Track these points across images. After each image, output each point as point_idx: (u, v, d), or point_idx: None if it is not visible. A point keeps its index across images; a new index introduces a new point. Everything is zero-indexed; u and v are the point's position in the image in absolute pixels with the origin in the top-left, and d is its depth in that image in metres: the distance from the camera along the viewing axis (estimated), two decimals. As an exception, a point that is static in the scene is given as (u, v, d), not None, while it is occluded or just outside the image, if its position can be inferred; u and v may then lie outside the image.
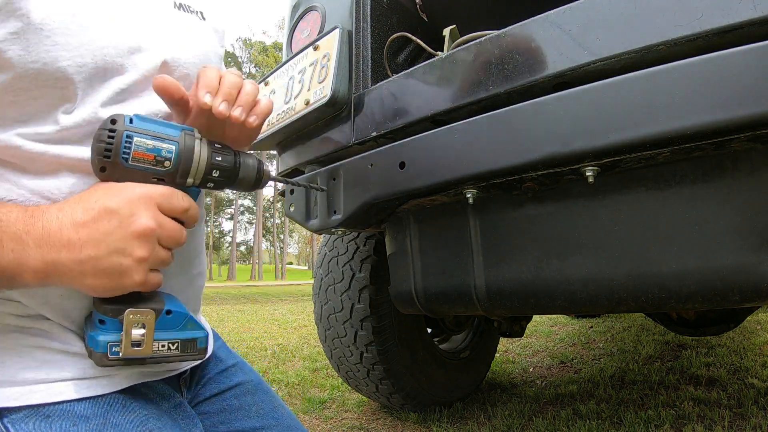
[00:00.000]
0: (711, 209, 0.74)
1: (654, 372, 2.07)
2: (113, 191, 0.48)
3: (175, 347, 0.53)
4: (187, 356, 0.54)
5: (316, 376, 2.43)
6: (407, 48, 1.25)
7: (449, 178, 0.83)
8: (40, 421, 0.49)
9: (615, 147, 0.67)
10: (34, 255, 0.44)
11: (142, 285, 0.49)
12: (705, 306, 0.78)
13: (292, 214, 1.19)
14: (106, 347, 0.48)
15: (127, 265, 0.47)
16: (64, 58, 0.47)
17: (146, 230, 0.47)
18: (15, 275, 0.44)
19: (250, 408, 0.70)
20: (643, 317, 3.37)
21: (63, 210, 0.46)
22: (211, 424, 0.67)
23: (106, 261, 0.46)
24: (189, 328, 0.54)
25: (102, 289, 0.47)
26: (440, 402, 1.77)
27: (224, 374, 0.71)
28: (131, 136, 0.48)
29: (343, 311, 1.57)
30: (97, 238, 0.45)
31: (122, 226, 0.46)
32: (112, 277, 0.46)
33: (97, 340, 0.48)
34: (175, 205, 0.50)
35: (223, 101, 0.51)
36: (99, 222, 0.46)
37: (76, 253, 0.45)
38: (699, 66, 0.61)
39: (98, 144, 0.48)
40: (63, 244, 0.45)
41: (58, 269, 0.45)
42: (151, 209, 0.48)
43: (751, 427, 1.44)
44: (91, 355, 0.50)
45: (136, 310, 0.49)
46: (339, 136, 1.07)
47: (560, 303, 0.90)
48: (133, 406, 0.54)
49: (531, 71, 0.76)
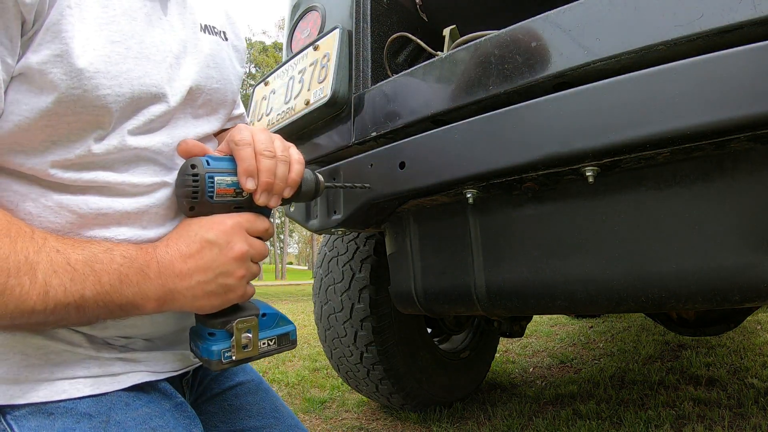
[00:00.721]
0: (711, 209, 0.74)
1: (654, 372, 2.07)
2: (207, 224, 0.55)
3: (274, 343, 0.61)
4: (283, 348, 0.62)
5: (316, 376, 2.43)
6: (407, 48, 1.25)
7: (449, 178, 0.83)
8: (43, 418, 0.49)
9: (615, 147, 0.67)
10: (154, 286, 0.50)
11: (243, 297, 0.57)
12: (705, 306, 0.78)
13: (293, 215, 1.19)
14: (220, 354, 0.56)
15: (231, 284, 0.55)
16: (104, 87, 0.49)
17: (242, 254, 0.55)
18: (138, 305, 0.50)
19: (252, 407, 0.72)
20: (643, 317, 3.37)
21: (169, 246, 0.53)
22: (212, 424, 0.69)
23: (214, 284, 0.54)
24: (281, 325, 0.62)
25: (210, 307, 0.55)
26: (440, 402, 1.77)
27: (225, 374, 0.73)
28: (213, 177, 0.55)
29: (343, 311, 1.57)
30: (203, 266, 0.53)
31: (223, 253, 0.54)
32: (220, 295, 0.54)
33: (212, 350, 0.56)
34: (259, 227, 0.59)
35: (263, 192, 0.58)
36: (202, 252, 0.53)
37: (188, 281, 0.52)
38: (699, 66, 0.61)
39: (185, 188, 0.54)
40: (176, 275, 0.52)
41: (174, 296, 0.52)
42: (242, 235, 0.56)
43: (751, 427, 1.44)
44: (209, 365, 0.57)
45: (243, 319, 0.57)
46: (339, 136, 1.07)
47: (560, 303, 0.90)
48: (136, 404, 0.54)
49: (531, 71, 0.76)
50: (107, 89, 0.49)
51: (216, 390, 0.71)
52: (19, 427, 0.48)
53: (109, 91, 0.49)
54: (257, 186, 0.57)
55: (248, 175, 0.57)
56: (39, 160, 0.48)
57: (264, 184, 0.58)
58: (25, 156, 0.48)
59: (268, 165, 0.58)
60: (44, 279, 0.44)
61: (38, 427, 0.49)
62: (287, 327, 0.63)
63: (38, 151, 0.48)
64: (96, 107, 0.49)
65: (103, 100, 0.49)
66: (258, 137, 0.59)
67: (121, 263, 0.49)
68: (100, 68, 0.48)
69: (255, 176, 0.57)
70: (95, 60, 0.48)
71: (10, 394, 0.49)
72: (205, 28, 0.65)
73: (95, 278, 0.47)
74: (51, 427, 0.49)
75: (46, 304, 0.44)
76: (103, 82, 0.49)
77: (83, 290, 0.46)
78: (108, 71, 0.49)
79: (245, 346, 0.57)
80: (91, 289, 0.46)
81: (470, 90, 0.84)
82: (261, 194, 0.58)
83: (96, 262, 0.47)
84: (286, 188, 0.61)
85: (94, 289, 0.46)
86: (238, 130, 0.59)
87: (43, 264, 0.44)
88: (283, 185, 0.60)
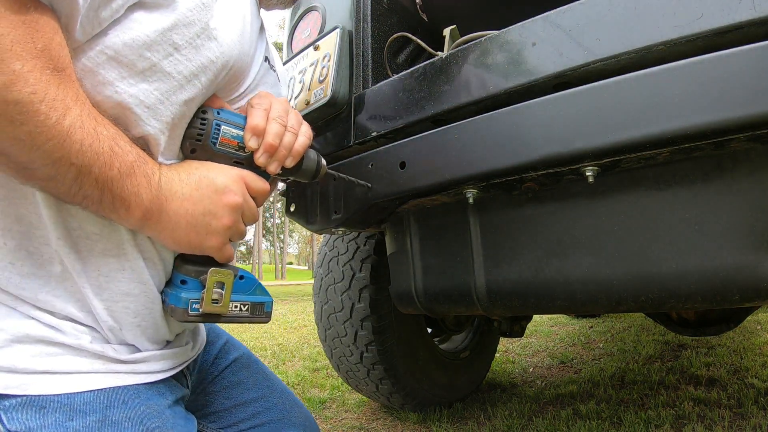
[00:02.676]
0: (711, 209, 0.74)
1: (654, 372, 2.07)
2: (210, 166, 0.56)
3: (246, 309, 0.60)
4: (256, 318, 0.61)
5: (316, 376, 2.43)
6: (407, 48, 1.25)
7: (449, 177, 0.83)
8: (35, 411, 0.48)
9: (615, 147, 0.67)
10: (150, 195, 0.50)
11: (219, 250, 0.57)
12: (705, 306, 0.78)
13: (293, 215, 1.19)
14: (188, 303, 0.55)
15: (214, 227, 0.55)
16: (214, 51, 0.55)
17: (236, 204, 0.56)
18: (128, 206, 0.49)
19: (248, 381, 0.78)
20: (643, 317, 3.37)
21: (171, 169, 0.54)
22: (218, 402, 0.75)
23: (199, 218, 0.54)
24: (258, 294, 0.61)
25: (186, 244, 0.55)
26: (440, 402, 1.77)
27: (221, 354, 0.78)
28: (219, 125, 0.57)
29: (344, 311, 1.57)
30: (196, 197, 0.54)
31: (217, 193, 0.55)
32: (199, 234, 0.54)
33: (180, 297, 0.55)
34: (259, 186, 0.60)
35: (264, 153, 0.60)
36: (200, 185, 0.54)
37: (178, 204, 0.52)
38: (699, 66, 0.61)
39: (191, 129, 0.56)
40: (171, 193, 0.52)
41: (160, 215, 0.51)
42: (241, 187, 0.57)
43: (751, 427, 1.44)
44: (172, 312, 0.56)
45: (218, 269, 0.56)
46: (339, 135, 1.07)
47: (560, 303, 0.90)
48: (134, 403, 0.54)
49: (531, 71, 0.76)
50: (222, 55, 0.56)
51: (215, 372, 0.77)
52: (8, 418, 0.48)
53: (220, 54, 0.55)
54: (260, 146, 0.59)
55: (254, 133, 0.59)
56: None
57: (267, 145, 0.59)
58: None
59: (276, 129, 0.60)
60: (70, 125, 0.43)
61: (28, 420, 0.48)
62: (264, 297, 0.62)
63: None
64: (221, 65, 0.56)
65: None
66: (275, 105, 0.62)
67: (135, 159, 0.49)
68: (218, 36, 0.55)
69: (260, 136, 0.59)
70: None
71: (5, 384, 0.48)
72: (266, 59, 0.70)
73: (109, 158, 0.46)
74: (41, 421, 0.48)
75: (57, 150, 0.43)
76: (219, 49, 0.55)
77: (94, 162, 0.45)
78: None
79: (215, 301, 0.56)
80: (100, 166, 0.46)
81: (470, 90, 0.84)
82: (262, 155, 0.59)
83: (117, 146, 0.47)
84: (288, 157, 0.62)
85: (103, 168, 0.46)
86: (260, 95, 0.63)
87: (75, 113, 0.43)
88: (286, 153, 0.62)
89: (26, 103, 0.40)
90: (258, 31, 0.66)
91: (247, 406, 0.76)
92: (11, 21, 0.39)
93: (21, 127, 0.40)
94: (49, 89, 0.41)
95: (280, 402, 0.79)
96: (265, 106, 0.60)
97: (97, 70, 0.47)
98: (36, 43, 0.41)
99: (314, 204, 1.12)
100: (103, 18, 0.46)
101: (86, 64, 0.47)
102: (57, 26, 0.43)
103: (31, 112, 0.40)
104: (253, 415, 0.76)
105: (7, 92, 0.39)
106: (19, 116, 0.40)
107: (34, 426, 0.48)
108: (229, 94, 0.62)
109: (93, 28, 0.46)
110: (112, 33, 0.47)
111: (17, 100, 0.39)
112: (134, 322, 0.55)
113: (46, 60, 0.41)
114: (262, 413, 0.77)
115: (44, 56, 0.41)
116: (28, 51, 0.40)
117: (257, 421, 0.76)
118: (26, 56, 0.40)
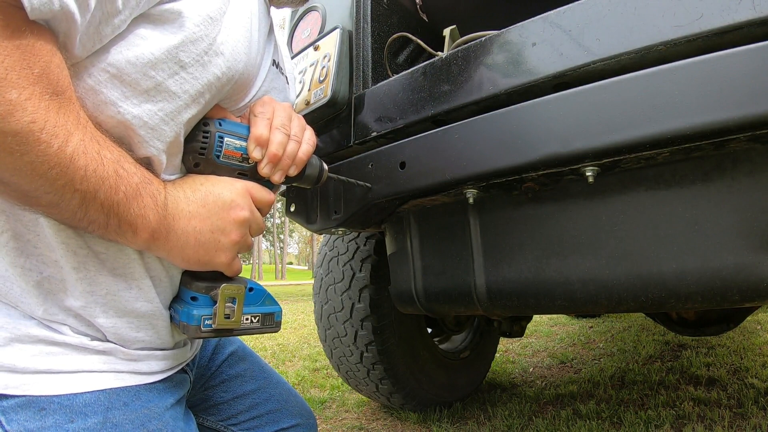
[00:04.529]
0: (711, 209, 0.74)
1: (654, 372, 2.07)
2: (214, 180, 0.55)
3: (257, 320, 0.59)
4: (266, 328, 0.61)
5: (316, 376, 2.43)
6: (407, 48, 1.25)
7: (449, 178, 0.83)
8: (34, 412, 0.47)
9: (615, 147, 0.67)
10: (157, 216, 0.49)
11: (228, 265, 0.56)
12: (705, 306, 0.78)
13: (293, 215, 1.19)
14: (200, 320, 0.54)
15: (223, 243, 0.54)
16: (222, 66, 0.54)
17: (244, 218, 0.55)
18: (135, 229, 0.48)
19: (245, 374, 0.79)
20: (643, 317, 3.37)
21: (176, 186, 0.53)
22: (218, 396, 0.76)
23: (207, 236, 0.53)
24: (267, 304, 0.61)
25: (195, 261, 0.54)
26: (440, 402, 1.77)
27: (217, 350, 0.79)
28: (222, 137, 0.55)
29: (344, 311, 1.57)
30: (204, 214, 0.53)
31: (225, 209, 0.54)
32: (208, 251, 0.53)
33: (192, 314, 0.54)
34: (264, 198, 0.59)
35: (268, 163, 0.59)
36: (206, 201, 0.53)
37: (186, 223, 0.51)
38: (699, 66, 0.61)
39: (194, 143, 0.54)
40: (178, 212, 0.51)
41: (168, 234, 0.51)
42: (248, 200, 0.56)
43: (751, 427, 1.44)
44: (185, 330, 0.55)
45: (229, 284, 0.55)
46: (339, 136, 1.08)
47: (560, 303, 0.90)
48: (135, 405, 0.53)
49: (531, 71, 0.76)
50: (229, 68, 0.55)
51: (213, 368, 0.77)
52: (7, 419, 0.47)
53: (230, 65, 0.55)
54: (264, 156, 0.58)
55: (257, 144, 0.58)
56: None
57: (271, 155, 0.59)
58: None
59: (280, 139, 0.59)
60: (73, 151, 0.41)
61: (27, 421, 0.47)
62: (273, 307, 0.62)
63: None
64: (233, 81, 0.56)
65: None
66: (278, 112, 0.61)
67: (140, 180, 0.48)
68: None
69: (264, 146, 0.58)
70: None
71: (5, 383, 0.47)
72: (274, 62, 0.69)
73: (114, 182, 0.45)
74: (41, 422, 0.47)
75: (60, 178, 0.41)
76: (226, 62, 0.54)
77: (99, 187, 0.44)
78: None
79: (227, 316, 0.55)
80: (106, 191, 0.44)
81: (470, 90, 0.84)
82: (266, 165, 0.59)
83: (121, 168, 0.46)
84: (292, 166, 0.62)
85: (108, 192, 0.45)
86: (262, 102, 0.61)
87: (78, 138, 0.42)
88: (290, 162, 0.61)
89: (26, 133, 0.38)
90: (266, 35, 0.64)
91: (245, 398, 0.77)
92: (4, 48, 0.37)
93: (22, 158, 0.39)
94: (48, 116, 0.39)
95: (277, 393, 0.80)
96: (268, 115, 0.59)
97: (99, 89, 0.46)
98: (33, 68, 0.39)
99: (314, 204, 1.12)
100: (105, 34, 0.45)
101: (88, 82, 0.46)
102: (55, 46, 0.41)
103: (31, 142, 0.38)
104: (251, 406, 0.77)
105: (4, 123, 0.37)
106: (19, 147, 0.38)
107: (33, 428, 0.47)
108: (234, 104, 0.60)
109: (94, 44, 0.45)
110: (115, 49, 0.46)
111: (16, 130, 0.37)
112: (138, 336, 0.55)
113: (45, 85, 0.39)
114: (261, 404, 0.78)
115: (42, 81, 0.39)
116: (25, 77, 0.38)
117: (256, 413, 0.77)
118: (23, 83, 0.38)
